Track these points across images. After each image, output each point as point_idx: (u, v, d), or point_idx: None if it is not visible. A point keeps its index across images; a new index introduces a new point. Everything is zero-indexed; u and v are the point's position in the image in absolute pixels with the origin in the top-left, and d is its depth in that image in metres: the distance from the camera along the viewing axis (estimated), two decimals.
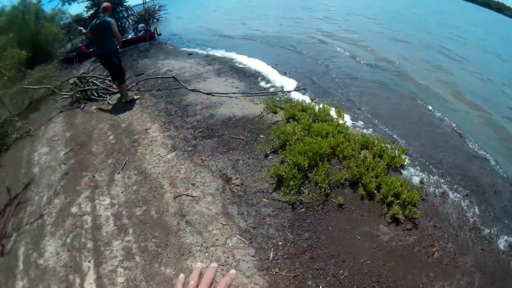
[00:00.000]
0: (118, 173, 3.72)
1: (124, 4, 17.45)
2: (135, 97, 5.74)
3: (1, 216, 3.89)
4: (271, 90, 5.35)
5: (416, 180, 3.40)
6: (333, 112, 4.41)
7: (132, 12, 17.27)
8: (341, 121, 4.21)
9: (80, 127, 5.21)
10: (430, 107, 5.22)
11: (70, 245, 3.06)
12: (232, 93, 5.33)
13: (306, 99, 4.90)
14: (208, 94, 5.39)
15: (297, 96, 5.12)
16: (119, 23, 15.55)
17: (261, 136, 3.96)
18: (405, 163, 3.61)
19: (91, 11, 16.08)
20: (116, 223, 3.13)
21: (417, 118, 4.83)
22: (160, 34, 13.27)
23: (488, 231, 2.96)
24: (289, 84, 5.61)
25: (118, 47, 5.53)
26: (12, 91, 8.95)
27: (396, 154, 3.55)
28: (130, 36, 12.02)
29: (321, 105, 4.46)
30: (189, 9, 24.15)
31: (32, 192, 4.06)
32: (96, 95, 6.31)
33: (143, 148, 4.12)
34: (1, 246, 3.40)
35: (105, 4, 5.54)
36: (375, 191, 3.05)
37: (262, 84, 5.74)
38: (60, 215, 3.43)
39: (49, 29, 16.52)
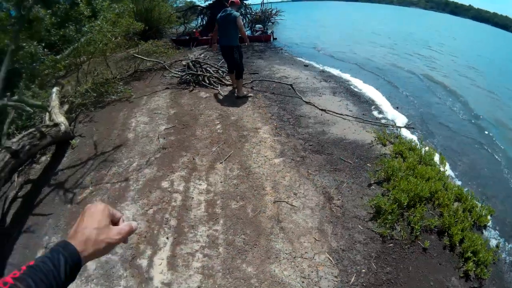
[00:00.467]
0: (221, 163, 4.24)
1: (244, 1, 19.52)
2: (249, 94, 6.48)
3: (81, 167, 4.74)
4: (383, 121, 5.89)
5: (493, 242, 3.85)
6: (436, 158, 4.93)
7: (250, 11, 19.21)
8: (442, 169, 4.75)
9: (186, 108, 6.12)
10: None
11: (151, 216, 3.54)
12: (346, 115, 5.84)
13: (414, 138, 5.44)
14: (322, 110, 5.94)
15: (405, 133, 5.66)
16: None
17: (368, 164, 4.41)
18: (488, 224, 4.07)
19: (209, 1, 18.32)
20: (207, 210, 3.55)
21: (506, 184, 5.38)
22: (275, 39, 14.65)
23: None
24: (400, 119, 6.23)
25: (246, 43, 6.52)
26: (118, 56, 10.65)
27: (483, 214, 4.06)
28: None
29: (426, 148, 5.02)
30: (302, 20, 29.06)
31: (122, 155, 4.82)
32: (207, 82, 7.36)
33: (250, 145, 4.65)
34: (72, 194, 4.14)
35: None
36: (458, 244, 3.50)
37: (375, 113, 6.28)
38: (148, 185, 4.00)
39: (164, 9, 19.41)
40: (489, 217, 4.10)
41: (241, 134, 4.95)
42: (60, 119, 5.67)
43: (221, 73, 7.67)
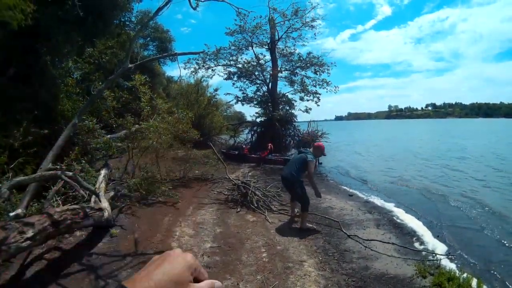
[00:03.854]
0: None
1: (294, 123, 21.07)
2: (313, 227, 6.71)
3: (118, 260, 4.98)
4: (423, 253, 5.92)
5: None
6: (474, 283, 4.89)
7: (299, 132, 20.60)
8: None
9: (233, 229, 6.50)
10: None
11: None
12: (389, 244, 6.06)
13: (453, 267, 5.43)
14: (365, 247, 6.00)
15: (445, 262, 5.65)
16: (283, 140, 18.91)
17: None
18: None
19: (261, 118, 20.02)
20: None
21: None
22: (321, 163, 15.38)
23: None
24: (440, 248, 6.23)
25: (317, 196, 6.86)
26: (170, 156, 11.50)
27: None
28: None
29: (464, 275, 5.02)
30: (345, 140, 36.19)
31: None
32: (255, 205, 7.82)
33: (295, 278, 4.76)
34: (105, 283, 4.29)
35: (319, 143, 7.30)
36: None
37: (416, 245, 6.33)
38: None
39: (216, 118, 21.28)
40: None
41: (286, 265, 5.09)
42: (105, 204, 6.07)
43: (265, 198, 8.18)
